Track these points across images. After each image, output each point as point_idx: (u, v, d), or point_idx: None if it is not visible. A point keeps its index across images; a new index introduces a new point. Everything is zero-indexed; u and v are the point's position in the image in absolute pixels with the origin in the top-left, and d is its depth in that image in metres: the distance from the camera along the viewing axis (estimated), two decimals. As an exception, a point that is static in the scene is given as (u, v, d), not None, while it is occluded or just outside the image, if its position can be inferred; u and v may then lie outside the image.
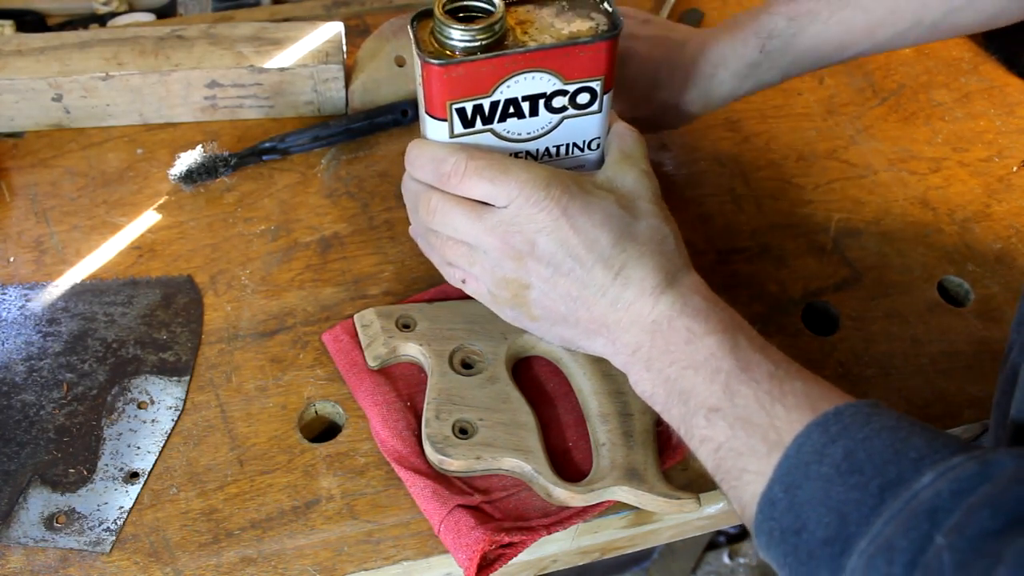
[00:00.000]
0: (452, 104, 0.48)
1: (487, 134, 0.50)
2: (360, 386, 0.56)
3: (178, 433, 0.55)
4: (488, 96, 0.48)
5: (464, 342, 0.57)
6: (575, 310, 0.49)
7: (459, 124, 0.49)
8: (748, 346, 0.45)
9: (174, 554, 0.51)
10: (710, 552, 1.44)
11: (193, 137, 0.71)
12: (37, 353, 0.58)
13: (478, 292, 0.52)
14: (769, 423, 0.42)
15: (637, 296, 0.47)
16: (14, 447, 0.54)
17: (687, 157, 0.72)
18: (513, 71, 0.48)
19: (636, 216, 0.49)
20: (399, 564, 0.51)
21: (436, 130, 0.50)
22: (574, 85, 0.49)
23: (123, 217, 0.66)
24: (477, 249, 0.50)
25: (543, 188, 0.47)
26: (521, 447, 0.52)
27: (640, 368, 0.47)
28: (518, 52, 0.47)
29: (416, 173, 0.51)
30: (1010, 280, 0.65)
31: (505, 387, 0.55)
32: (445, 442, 0.52)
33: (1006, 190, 0.71)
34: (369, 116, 0.71)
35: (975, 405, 0.59)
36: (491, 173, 0.48)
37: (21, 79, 0.67)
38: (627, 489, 0.51)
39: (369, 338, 0.57)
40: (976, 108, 0.77)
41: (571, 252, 0.47)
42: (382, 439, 0.54)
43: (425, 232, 0.52)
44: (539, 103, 0.50)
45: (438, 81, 0.47)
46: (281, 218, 0.66)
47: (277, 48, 0.71)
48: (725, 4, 0.85)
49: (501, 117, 0.50)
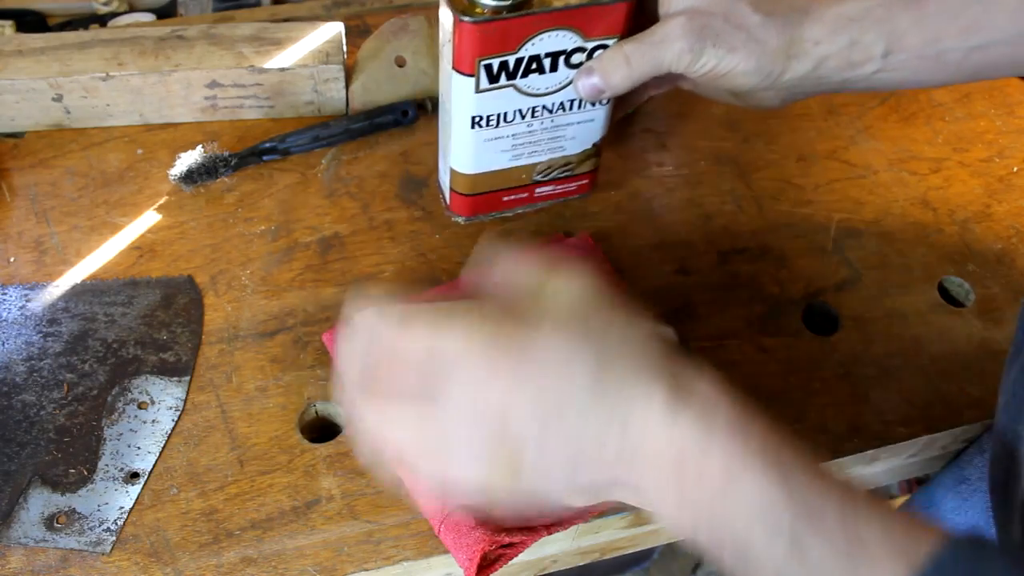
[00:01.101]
0: (481, 60, 0.52)
1: (509, 89, 0.55)
2: None
3: (178, 433, 0.55)
4: (514, 53, 0.52)
5: None
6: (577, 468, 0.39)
7: (485, 80, 0.53)
8: (800, 474, 0.36)
9: (174, 554, 0.51)
10: (710, 552, 1.44)
11: (193, 137, 0.71)
12: (37, 353, 0.58)
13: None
14: None
15: (644, 428, 0.37)
16: (14, 447, 0.54)
17: (687, 157, 0.72)
18: (539, 29, 0.51)
19: (596, 333, 0.39)
20: (399, 564, 0.51)
21: (462, 86, 0.54)
22: (593, 42, 0.53)
23: (123, 217, 0.66)
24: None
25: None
26: None
27: (672, 507, 0.38)
28: (545, 12, 0.51)
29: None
30: (1011, 280, 0.65)
31: None
32: None
33: (1006, 190, 0.71)
34: (369, 116, 0.71)
35: (975, 406, 0.59)
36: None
37: (21, 79, 0.67)
38: None
39: None
40: (976, 108, 0.77)
41: (546, 407, 0.37)
42: None
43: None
44: (559, 60, 0.54)
45: (469, 38, 0.51)
46: (281, 218, 0.66)
47: (277, 48, 0.71)
48: None
49: (524, 73, 0.54)
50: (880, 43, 0.50)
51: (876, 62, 0.51)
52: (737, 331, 0.62)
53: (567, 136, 0.60)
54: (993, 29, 0.49)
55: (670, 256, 0.65)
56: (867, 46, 0.50)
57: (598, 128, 0.61)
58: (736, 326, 0.62)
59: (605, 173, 0.70)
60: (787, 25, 0.50)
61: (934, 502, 0.65)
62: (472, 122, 0.57)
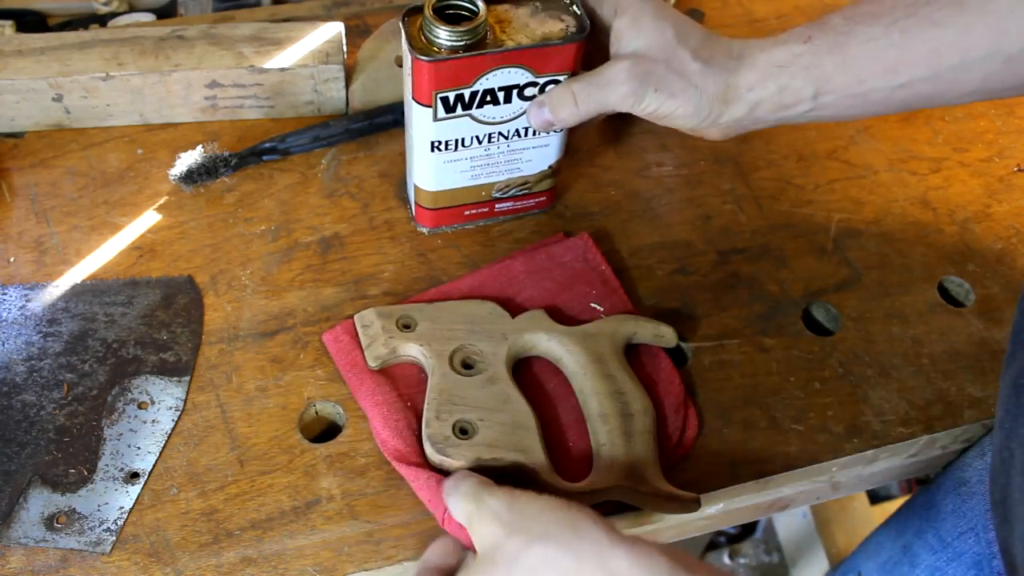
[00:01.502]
0: (437, 93, 0.55)
1: (466, 118, 0.57)
2: (360, 386, 0.56)
3: (178, 433, 0.55)
4: (469, 87, 0.55)
5: (464, 342, 0.57)
6: None
7: (442, 110, 0.56)
8: None
9: (174, 554, 0.51)
10: (710, 552, 1.44)
11: (193, 137, 0.71)
12: (37, 353, 0.58)
13: None
14: None
15: None
16: (14, 447, 0.54)
17: (687, 157, 0.72)
18: (492, 67, 0.54)
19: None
20: (399, 564, 0.51)
21: (421, 114, 0.56)
22: (545, 78, 0.56)
23: (123, 217, 0.66)
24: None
25: None
26: (521, 447, 0.52)
27: None
28: (497, 52, 0.53)
29: None
30: (1010, 280, 0.65)
31: (506, 387, 0.55)
32: (445, 442, 0.52)
33: (1006, 190, 0.71)
34: (369, 116, 0.71)
35: (975, 405, 0.59)
36: None
37: (21, 79, 0.67)
38: (628, 488, 0.51)
39: (369, 338, 0.57)
40: (976, 108, 0.77)
41: None
42: (383, 439, 0.54)
43: None
44: (513, 92, 0.56)
45: (426, 75, 0.54)
46: (281, 218, 0.66)
47: (277, 48, 0.71)
48: (725, 4, 0.85)
49: (479, 104, 0.56)
50: (809, 87, 0.53)
51: (807, 103, 0.53)
52: (737, 331, 0.62)
53: (523, 159, 0.62)
54: (913, 69, 0.51)
55: (670, 256, 0.66)
56: (797, 90, 0.53)
57: (553, 151, 0.62)
58: (736, 326, 0.62)
59: (605, 172, 0.70)
60: (723, 72, 0.53)
61: (933, 504, 0.65)
62: (432, 146, 0.59)
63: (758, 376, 0.60)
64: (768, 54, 0.53)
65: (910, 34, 0.50)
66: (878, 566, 0.72)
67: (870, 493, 1.26)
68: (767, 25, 0.83)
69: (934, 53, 0.50)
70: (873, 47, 0.51)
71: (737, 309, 0.63)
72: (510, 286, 0.61)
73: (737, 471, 0.56)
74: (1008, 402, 0.50)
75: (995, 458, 0.51)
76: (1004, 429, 0.50)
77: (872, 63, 0.51)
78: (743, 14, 0.84)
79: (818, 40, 0.52)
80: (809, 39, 0.52)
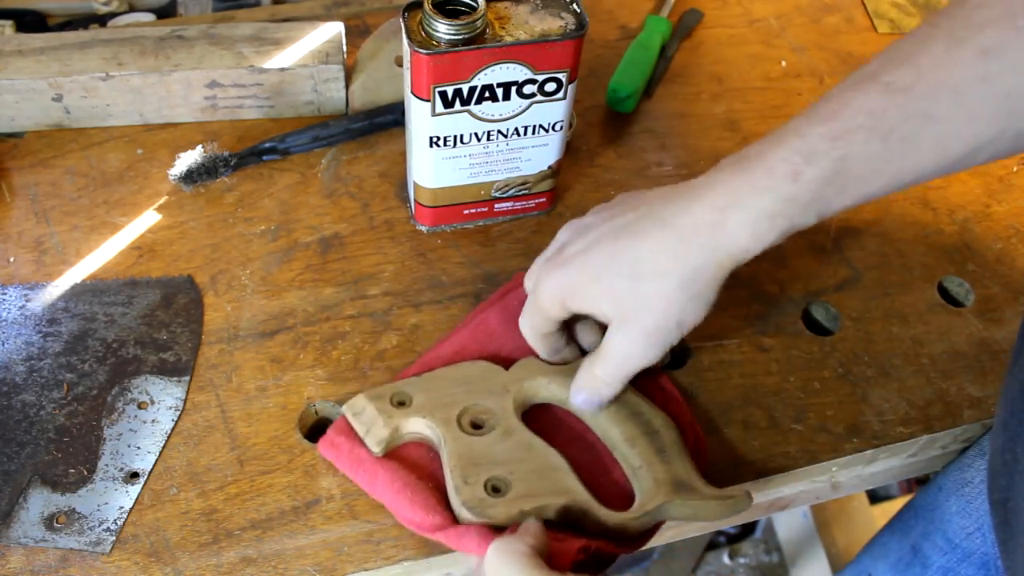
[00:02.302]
0: (435, 87, 0.55)
1: (464, 114, 0.57)
2: (375, 480, 0.51)
3: (178, 433, 0.55)
4: (467, 82, 0.55)
5: (467, 403, 0.53)
6: None
7: (440, 104, 0.56)
8: None
9: (174, 554, 0.51)
10: (710, 552, 1.44)
11: (193, 137, 0.71)
12: (37, 353, 0.58)
13: None
14: None
15: None
16: (14, 447, 0.54)
17: (687, 157, 0.72)
18: (490, 62, 0.55)
19: None
20: (399, 564, 0.51)
21: (420, 109, 0.57)
22: (543, 75, 0.56)
23: (123, 217, 0.66)
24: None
25: None
26: (561, 489, 0.50)
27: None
28: (496, 46, 0.54)
29: None
30: (1010, 280, 0.65)
31: (524, 436, 0.52)
32: (481, 504, 0.49)
33: (1006, 190, 0.71)
34: (369, 116, 0.71)
35: (975, 405, 0.59)
36: None
37: (21, 79, 0.67)
38: (680, 502, 0.50)
39: (366, 424, 0.53)
40: (976, 108, 0.77)
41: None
42: (418, 521, 0.50)
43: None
44: (511, 89, 0.56)
45: (425, 68, 0.54)
46: (281, 218, 0.66)
47: (277, 48, 0.71)
48: (725, 4, 0.85)
49: (477, 100, 0.57)
50: (810, 217, 0.48)
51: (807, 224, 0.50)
52: (736, 331, 0.62)
53: (523, 158, 0.62)
54: (919, 171, 0.47)
55: (670, 256, 0.65)
56: (795, 226, 0.49)
57: (554, 152, 0.62)
58: (735, 326, 0.62)
59: (605, 172, 0.70)
60: (718, 269, 0.53)
61: (937, 504, 0.65)
62: (430, 141, 0.59)
63: (758, 376, 0.60)
64: (754, 211, 0.48)
65: (910, 141, 0.45)
66: (889, 567, 0.72)
67: (870, 493, 1.26)
68: (767, 25, 0.83)
69: (939, 149, 0.45)
70: (875, 165, 0.46)
71: (736, 309, 0.63)
72: (491, 342, 0.58)
73: (737, 471, 0.56)
74: (1015, 405, 0.49)
75: (996, 458, 0.51)
76: (1008, 431, 0.49)
77: (876, 179, 0.46)
78: (743, 14, 0.84)
79: (809, 174, 0.46)
80: (797, 176, 0.46)
